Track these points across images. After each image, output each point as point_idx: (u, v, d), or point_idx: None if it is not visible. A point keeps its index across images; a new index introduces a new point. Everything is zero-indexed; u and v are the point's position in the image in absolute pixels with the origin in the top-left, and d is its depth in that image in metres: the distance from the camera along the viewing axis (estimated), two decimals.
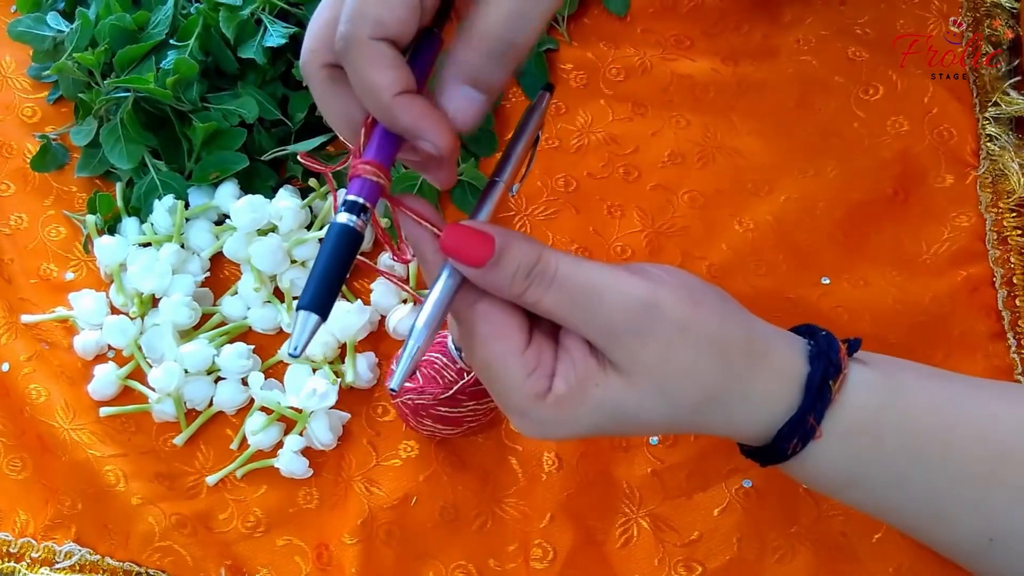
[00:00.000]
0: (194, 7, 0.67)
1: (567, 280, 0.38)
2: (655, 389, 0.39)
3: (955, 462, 0.42)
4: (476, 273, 0.38)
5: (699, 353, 0.39)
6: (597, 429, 0.41)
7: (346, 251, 0.37)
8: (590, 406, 0.39)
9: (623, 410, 0.40)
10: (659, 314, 0.39)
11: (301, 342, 0.36)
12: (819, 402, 0.41)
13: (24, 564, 0.58)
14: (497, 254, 0.37)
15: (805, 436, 0.41)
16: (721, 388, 0.40)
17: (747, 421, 0.42)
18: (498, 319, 0.39)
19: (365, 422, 0.60)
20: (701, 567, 0.55)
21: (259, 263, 0.62)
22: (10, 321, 0.64)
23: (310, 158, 0.64)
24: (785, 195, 0.65)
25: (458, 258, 0.38)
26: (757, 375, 0.41)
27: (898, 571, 0.55)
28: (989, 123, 0.67)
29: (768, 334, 0.42)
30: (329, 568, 0.57)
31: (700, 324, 0.39)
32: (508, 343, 0.39)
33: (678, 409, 0.40)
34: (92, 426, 0.60)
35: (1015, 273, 0.62)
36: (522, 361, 0.39)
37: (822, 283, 0.62)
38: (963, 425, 0.42)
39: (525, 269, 0.38)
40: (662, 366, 0.39)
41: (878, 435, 0.42)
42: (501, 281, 0.38)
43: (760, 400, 0.41)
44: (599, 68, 0.70)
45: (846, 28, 0.70)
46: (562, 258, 0.39)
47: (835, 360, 0.42)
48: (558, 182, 0.67)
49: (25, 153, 0.69)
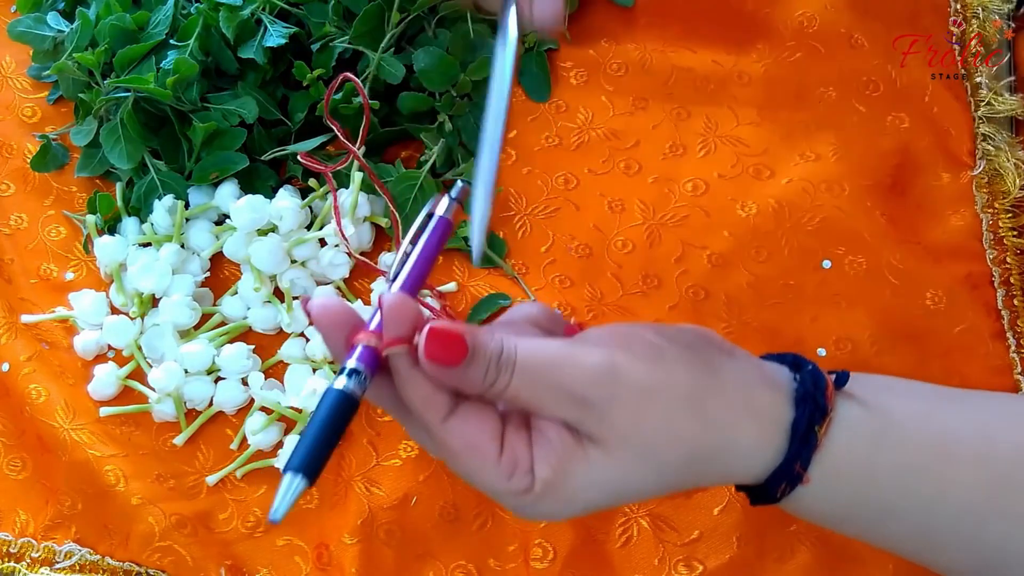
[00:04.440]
0: (194, 7, 0.67)
1: (527, 364, 0.38)
2: (636, 457, 0.39)
3: (951, 494, 0.41)
4: (452, 373, 0.38)
5: (670, 411, 0.39)
6: (590, 507, 0.40)
7: (342, 417, 0.37)
8: (577, 485, 0.39)
9: (611, 485, 0.39)
10: (619, 380, 0.38)
11: (284, 506, 0.35)
12: (805, 449, 0.40)
13: (24, 564, 0.58)
14: (471, 351, 0.37)
15: (792, 482, 0.41)
16: (703, 444, 0.40)
17: (742, 472, 0.41)
18: (468, 434, 0.38)
19: (365, 422, 0.60)
20: (701, 566, 0.55)
21: (259, 263, 0.62)
22: (10, 321, 0.64)
23: (310, 158, 0.65)
24: (787, 178, 0.65)
25: (439, 362, 0.37)
26: (740, 425, 0.40)
27: (897, 569, 0.55)
28: (984, 123, 0.67)
29: (749, 377, 0.42)
30: (329, 568, 0.57)
31: (664, 381, 0.39)
32: (480, 455, 0.38)
33: (665, 473, 0.40)
34: (92, 426, 0.60)
35: (1012, 273, 0.62)
36: (499, 468, 0.38)
37: (823, 267, 0.62)
38: (958, 454, 0.42)
39: (495, 360, 0.38)
40: (636, 432, 0.38)
41: (869, 475, 0.41)
42: (475, 376, 0.38)
43: (748, 449, 0.41)
44: (600, 64, 0.70)
45: (849, 16, 0.70)
46: (520, 341, 0.39)
47: (821, 403, 0.41)
48: (558, 180, 0.67)
49: (25, 153, 0.69)
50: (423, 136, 0.66)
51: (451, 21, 0.68)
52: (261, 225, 0.63)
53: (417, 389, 0.38)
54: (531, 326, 0.42)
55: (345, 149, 0.63)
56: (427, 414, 0.38)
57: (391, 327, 0.37)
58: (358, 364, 0.37)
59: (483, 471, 0.39)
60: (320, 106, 0.65)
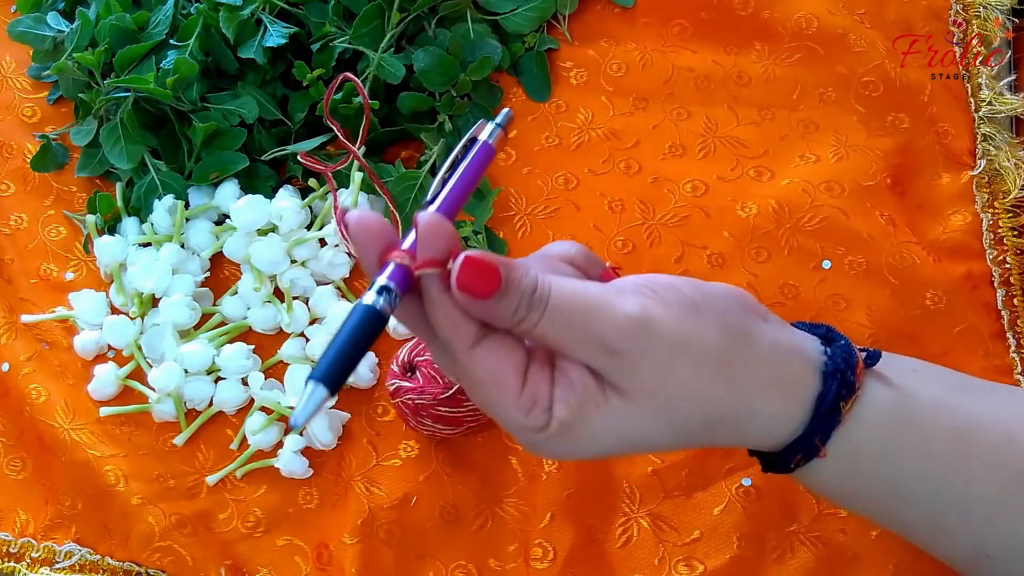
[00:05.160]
0: (194, 7, 0.67)
1: (560, 304, 0.38)
2: (656, 410, 0.38)
3: (966, 483, 0.41)
4: (483, 305, 0.37)
5: (698, 370, 0.38)
6: (607, 452, 0.40)
7: (369, 332, 0.36)
8: (594, 430, 0.39)
9: (627, 435, 0.39)
10: (653, 332, 0.38)
11: (305, 414, 0.34)
12: (827, 424, 0.40)
13: (24, 564, 0.58)
14: (504, 284, 0.37)
15: (809, 455, 0.41)
16: (726, 408, 0.39)
17: (757, 438, 0.41)
18: (493, 365, 0.38)
19: (365, 422, 0.60)
20: (702, 566, 0.55)
21: (259, 263, 0.62)
22: (10, 321, 0.64)
23: (310, 158, 0.65)
24: (787, 179, 0.65)
25: (471, 292, 0.37)
26: (765, 393, 0.40)
27: (897, 568, 0.55)
28: (984, 123, 0.67)
29: (779, 345, 0.41)
30: (329, 568, 0.57)
31: (696, 340, 0.38)
32: (502, 388, 0.38)
33: (682, 430, 0.39)
34: (92, 426, 0.60)
35: (1012, 273, 0.62)
36: (518, 403, 0.38)
37: (823, 267, 0.62)
38: (977, 446, 0.42)
39: (528, 296, 0.37)
40: (661, 387, 0.38)
41: (888, 457, 0.41)
42: (506, 310, 0.37)
43: (769, 418, 0.40)
44: (600, 64, 0.70)
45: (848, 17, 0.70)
46: (554, 282, 0.38)
47: (850, 380, 0.40)
48: (558, 180, 0.67)
49: (25, 153, 0.69)
50: (423, 136, 0.66)
51: (451, 21, 0.68)
52: (261, 225, 0.63)
53: (446, 314, 0.37)
54: (566, 264, 0.42)
55: (345, 149, 0.63)
56: (454, 340, 0.38)
57: (425, 247, 0.37)
58: (389, 282, 0.36)
59: (502, 403, 0.38)
60: (320, 106, 0.65)
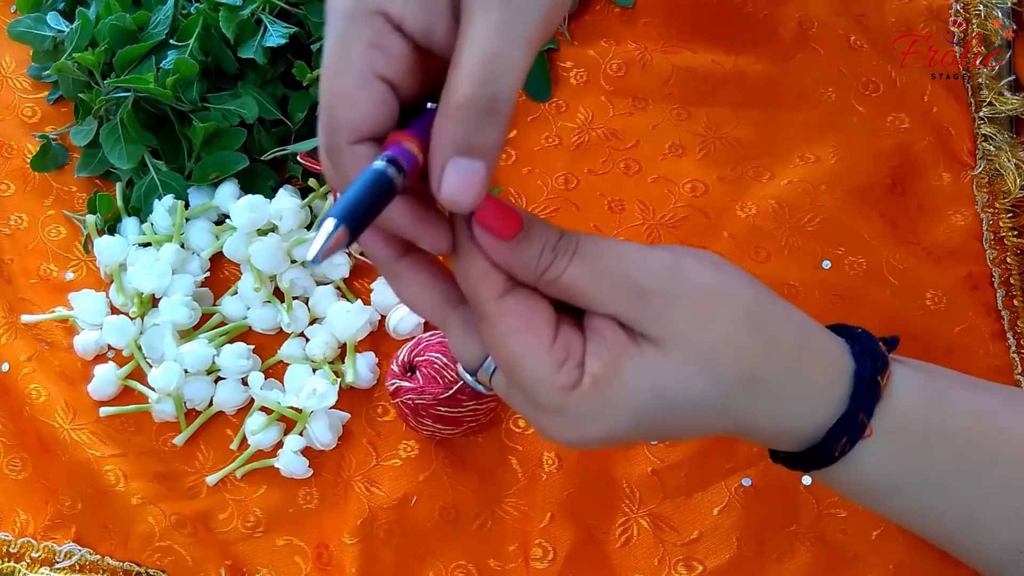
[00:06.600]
0: (194, 7, 0.67)
1: (589, 250, 0.37)
2: (692, 359, 0.36)
3: (999, 470, 0.41)
4: (504, 247, 0.36)
5: (735, 321, 0.37)
6: (639, 417, 0.37)
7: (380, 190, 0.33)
8: (628, 385, 0.36)
9: (664, 388, 0.37)
10: (685, 277, 0.37)
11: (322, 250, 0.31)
12: (869, 398, 0.39)
13: (24, 564, 0.58)
14: (526, 228, 0.36)
15: (855, 435, 0.39)
16: (766, 367, 0.37)
17: (798, 412, 0.39)
18: (524, 313, 0.37)
19: (365, 422, 0.60)
20: (701, 566, 0.55)
21: (259, 263, 0.62)
22: (10, 321, 0.64)
23: (310, 158, 0.64)
24: (787, 179, 0.65)
25: (492, 231, 0.36)
26: (804, 360, 0.38)
27: (898, 568, 0.55)
28: (984, 123, 0.67)
29: (810, 324, 0.40)
30: (329, 568, 0.57)
31: (730, 292, 0.37)
32: (535, 337, 0.37)
33: (720, 385, 0.37)
34: (92, 426, 0.60)
35: (1011, 273, 0.62)
36: (551, 355, 0.37)
37: (823, 267, 0.62)
38: (1006, 433, 0.41)
39: (552, 243, 0.37)
40: (696, 332, 0.36)
41: (925, 435, 0.40)
42: (529, 254, 0.36)
43: (811, 388, 0.39)
44: (600, 64, 0.70)
45: (848, 17, 0.70)
46: (582, 234, 0.38)
47: (881, 355, 0.40)
48: (558, 180, 0.67)
49: (25, 153, 0.69)
50: None
51: None
52: (261, 225, 0.63)
53: (474, 261, 0.36)
54: None
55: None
56: (482, 290, 0.36)
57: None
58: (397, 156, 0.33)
59: (533, 356, 0.36)
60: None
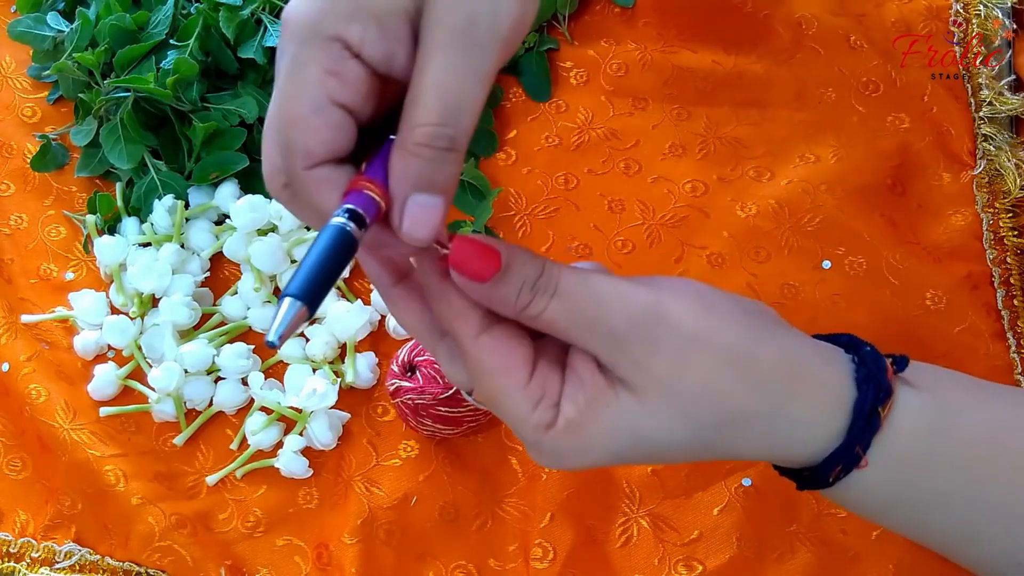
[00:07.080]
0: (194, 7, 0.67)
1: (570, 290, 0.37)
2: (669, 407, 0.37)
3: (1001, 487, 0.40)
4: (482, 288, 0.36)
5: (715, 366, 0.37)
6: (616, 457, 0.38)
7: (340, 252, 0.33)
8: (603, 429, 0.37)
9: (639, 434, 0.37)
10: (664, 322, 0.37)
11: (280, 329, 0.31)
12: (867, 431, 0.38)
13: (24, 564, 0.58)
14: (504, 267, 0.36)
15: (849, 465, 0.39)
16: (751, 404, 0.37)
17: (788, 448, 0.39)
18: (500, 352, 0.37)
19: (365, 422, 0.60)
20: (701, 566, 0.55)
21: (259, 263, 0.62)
22: (10, 321, 0.64)
23: None
24: (787, 179, 0.65)
25: (467, 274, 0.36)
26: (794, 398, 0.38)
27: (898, 568, 0.55)
28: (984, 123, 0.67)
29: (807, 353, 0.39)
30: (329, 568, 0.57)
31: (712, 334, 0.37)
32: (510, 377, 0.37)
33: (699, 430, 0.37)
34: (92, 426, 0.60)
35: (1012, 273, 0.62)
36: (526, 394, 0.37)
37: (823, 267, 0.62)
38: (1012, 449, 0.41)
39: (530, 281, 0.37)
40: (674, 380, 0.36)
41: (927, 463, 0.40)
42: (507, 295, 0.36)
43: (800, 426, 0.38)
44: (600, 64, 0.70)
45: (848, 17, 0.70)
46: (564, 269, 0.37)
47: (884, 384, 0.39)
48: (558, 180, 0.67)
49: (25, 153, 0.69)
50: None
51: None
52: (261, 225, 0.63)
53: (449, 301, 0.37)
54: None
55: None
56: (460, 328, 0.37)
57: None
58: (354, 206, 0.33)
59: (509, 395, 0.37)
60: None
